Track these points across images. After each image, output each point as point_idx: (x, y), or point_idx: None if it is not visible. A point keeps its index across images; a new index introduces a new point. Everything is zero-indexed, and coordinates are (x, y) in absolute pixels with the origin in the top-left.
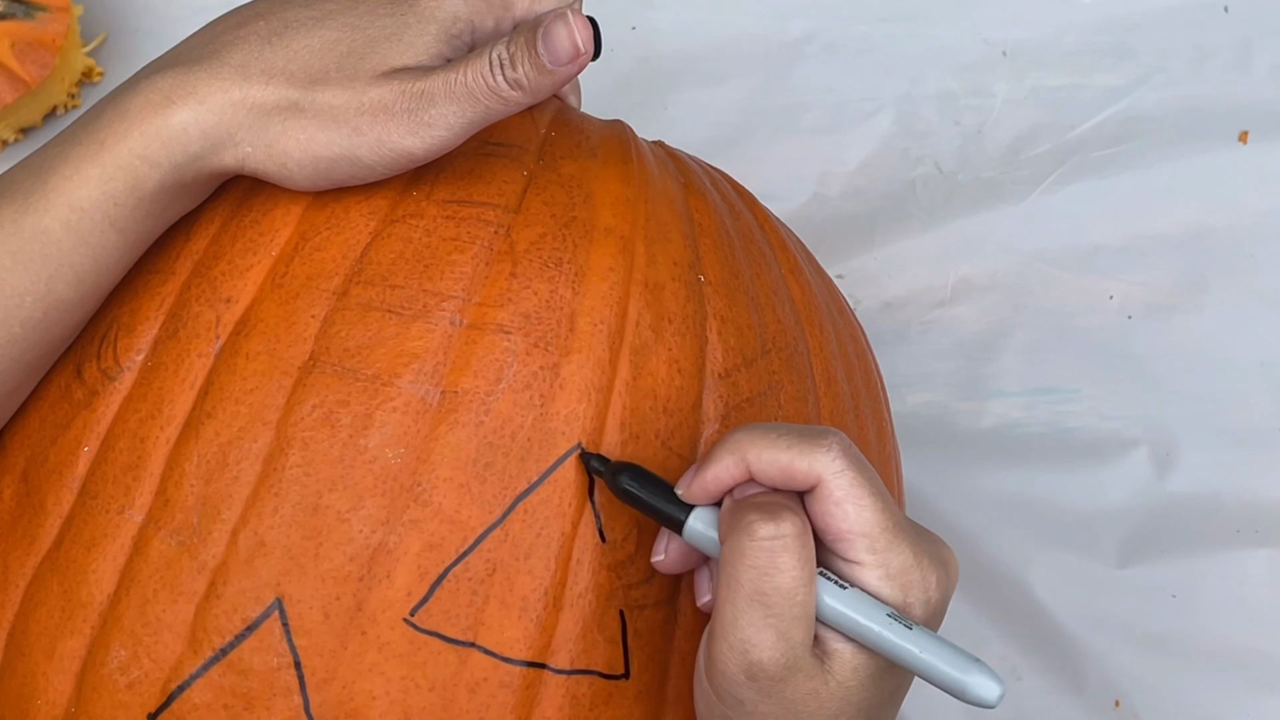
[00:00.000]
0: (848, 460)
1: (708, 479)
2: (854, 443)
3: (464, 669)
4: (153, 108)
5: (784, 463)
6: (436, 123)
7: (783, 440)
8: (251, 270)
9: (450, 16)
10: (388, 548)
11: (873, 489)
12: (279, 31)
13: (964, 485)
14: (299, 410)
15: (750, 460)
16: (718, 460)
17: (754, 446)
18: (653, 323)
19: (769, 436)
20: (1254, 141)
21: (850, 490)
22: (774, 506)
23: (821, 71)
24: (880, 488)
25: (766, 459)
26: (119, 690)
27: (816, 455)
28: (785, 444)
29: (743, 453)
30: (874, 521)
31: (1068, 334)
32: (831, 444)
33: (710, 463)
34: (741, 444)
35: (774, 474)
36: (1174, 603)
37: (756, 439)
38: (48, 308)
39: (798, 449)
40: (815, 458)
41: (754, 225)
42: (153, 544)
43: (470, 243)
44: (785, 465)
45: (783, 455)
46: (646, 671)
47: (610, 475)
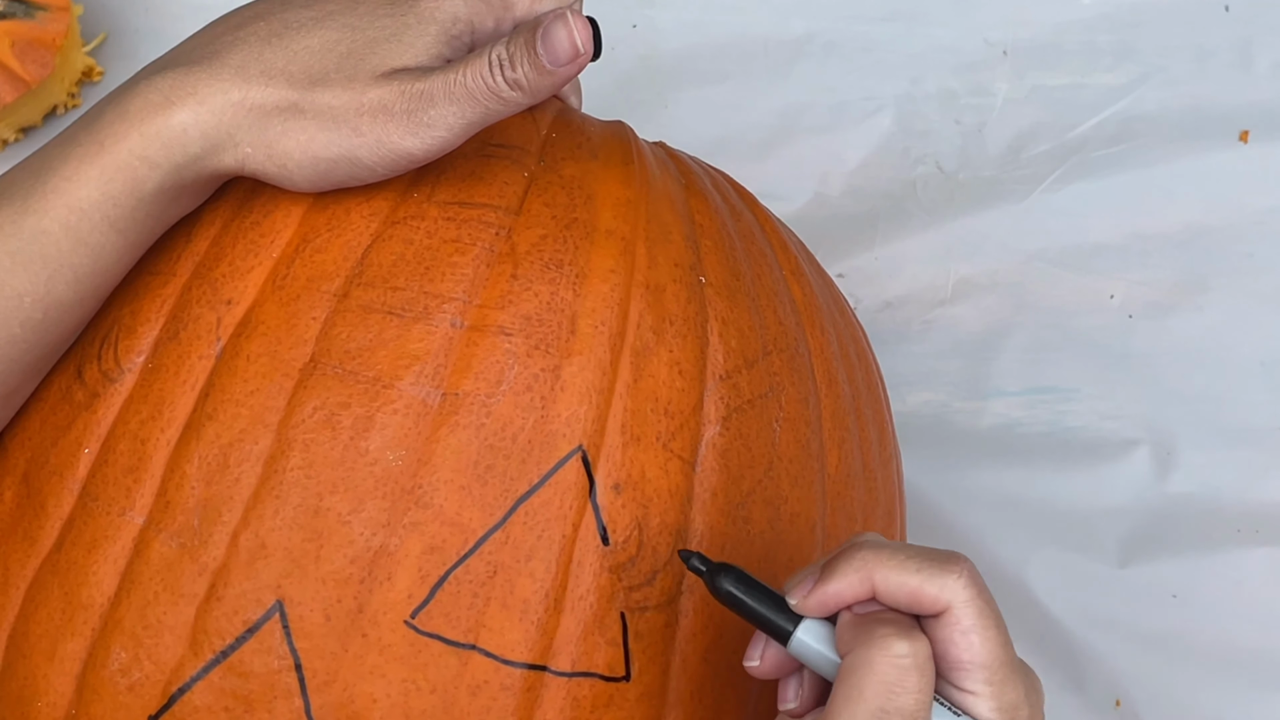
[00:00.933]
0: (977, 589)
1: (829, 594)
2: (855, 444)
3: (465, 671)
4: (152, 109)
5: (913, 586)
6: (436, 123)
7: (912, 563)
8: (252, 272)
9: (450, 17)
10: (389, 550)
11: (997, 621)
12: (279, 32)
13: (964, 484)
14: (300, 412)
15: (877, 581)
16: (842, 577)
17: (882, 567)
18: (654, 324)
19: (898, 557)
20: (1254, 141)
21: (978, 620)
22: (907, 626)
23: (822, 71)
24: (1002, 620)
25: (895, 581)
26: (120, 692)
27: (947, 581)
28: (915, 567)
29: (869, 572)
30: (996, 655)
31: (1068, 333)
32: (962, 571)
33: (833, 578)
34: (869, 563)
35: (900, 596)
36: (1174, 602)
37: (885, 559)
38: (47, 309)
39: (928, 573)
40: (946, 583)
41: (755, 226)
42: (153, 546)
43: (471, 244)
44: (914, 589)
45: (912, 579)
46: (647, 673)
47: (710, 577)
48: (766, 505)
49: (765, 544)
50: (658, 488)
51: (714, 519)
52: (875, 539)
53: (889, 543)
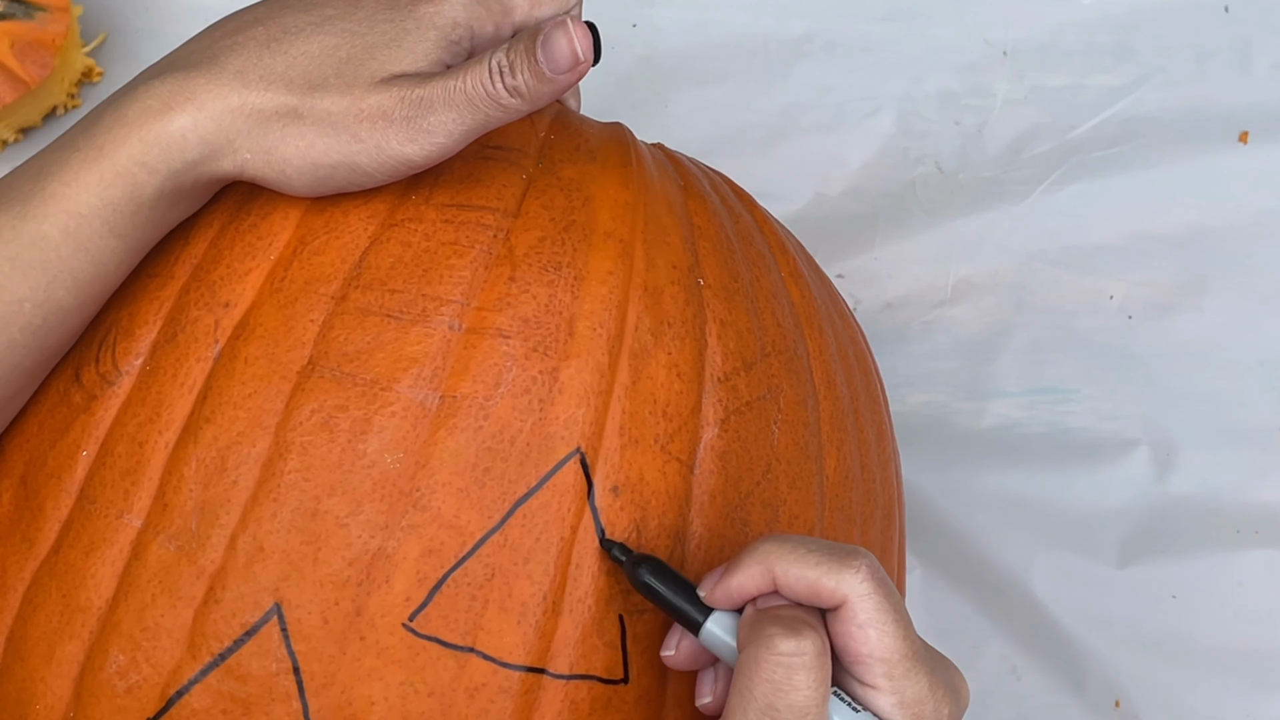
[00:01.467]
0: (875, 583)
1: (732, 586)
2: (854, 446)
3: (463, 674)
4: (151, 114)
5: (811, 579)
6: (435, 130)
7: (812, 556)
8: (250, 274)
9: (449, 22)
10: (386, 553)
11: (897, 615)
12: (278, 37)
13: (964, 485)
14: (297, 415)
15: (777, 573)
16: (744, 569)
17: (782, 560)
18: (652, 327)
19: (798, 551)
20: (1254, 142)
21: (875, 614)
22: (796, 622)
23: (822, 71)
24: (904, 613)
25: (794, 574)
26: (118, 695)
27: (845, 575)
28: (814, 560)
29: (770, 564)
30: (895, 648)
31: (1068, 334)
32: (860, 565)
33: (736, 570)
34: (770, 555)
35: (800, 589)
36: (1174, 603)
37: (785, 552)
38: (47, 313)
39: (826, 567)
40: (843, 577)
41: (753, 228)
42: (151, 548)
43: (469, 247)
44: (812, 582)
45: (810, 572)
46: (645, 676)
47: (630, 566)
48: (765, 507)
49: None
50: (656, 490)
51: (712, 521)
52: (781, 535)
53: (793, 537)
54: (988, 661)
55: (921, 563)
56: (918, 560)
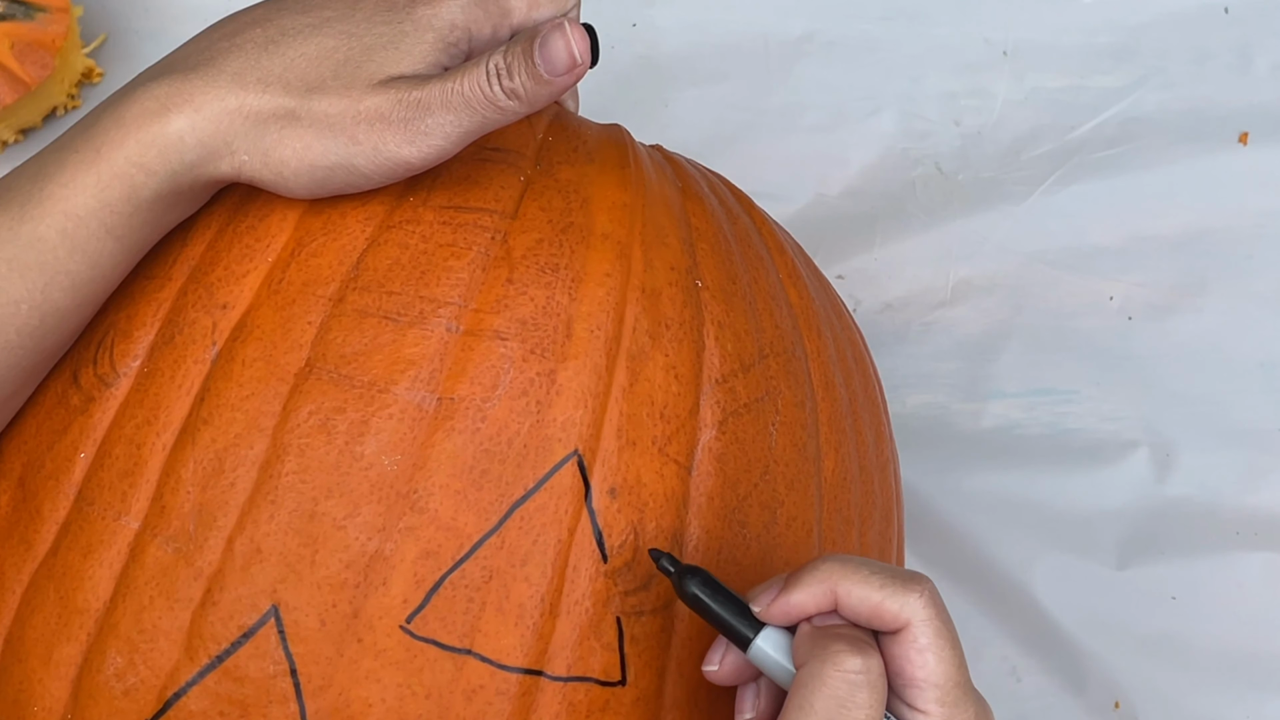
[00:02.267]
0: (936, 609)
1: (791, 603)
2: (852, 447)
3: (460, 676)
4: (149, 116)
5: (874, 602)
6: (433, 132)
7: (876, 579)
8: (248, 276)
9: (447, 24)
10: (384, 555)
11: (953, 642)
12: (275, 39)
13: (963, 486)
14: (295, 417)
15: (840, 594)
16: (806, 588)
17: (846, 580)
18: (650, 328)
19: (862, 572)
20: (1254, 143)
21: (934, 640)
22: (861, 642)
23: (822, 71)
24: (958, 642)
25: (857, 595)
26: (115, 697)
27: (909, 599)
28: (878, 583)
29: (833, 584)
30: (949, 675)
31: (1067, 335)
32: (924, 590)
33: (797, 588)
34: (833, 575)
35: (862, 611)
36: (1173, 604)
37: (849, 573)
38: (44, 315)
39: (890, 590)
40: (907, 601)
41: (752, 229)
42: (149, 550)
43: (467, 249)
44: (875, 605)
45: (875, 594)
46: (643, 678)
47: (678, 578)
48: (763, 509)
49: (762, 548)
50: (653, 492)
51: (710, 523)
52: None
53: (854, 558)
54: (988, 662)
55: (921, 563)
56: (917, 561)
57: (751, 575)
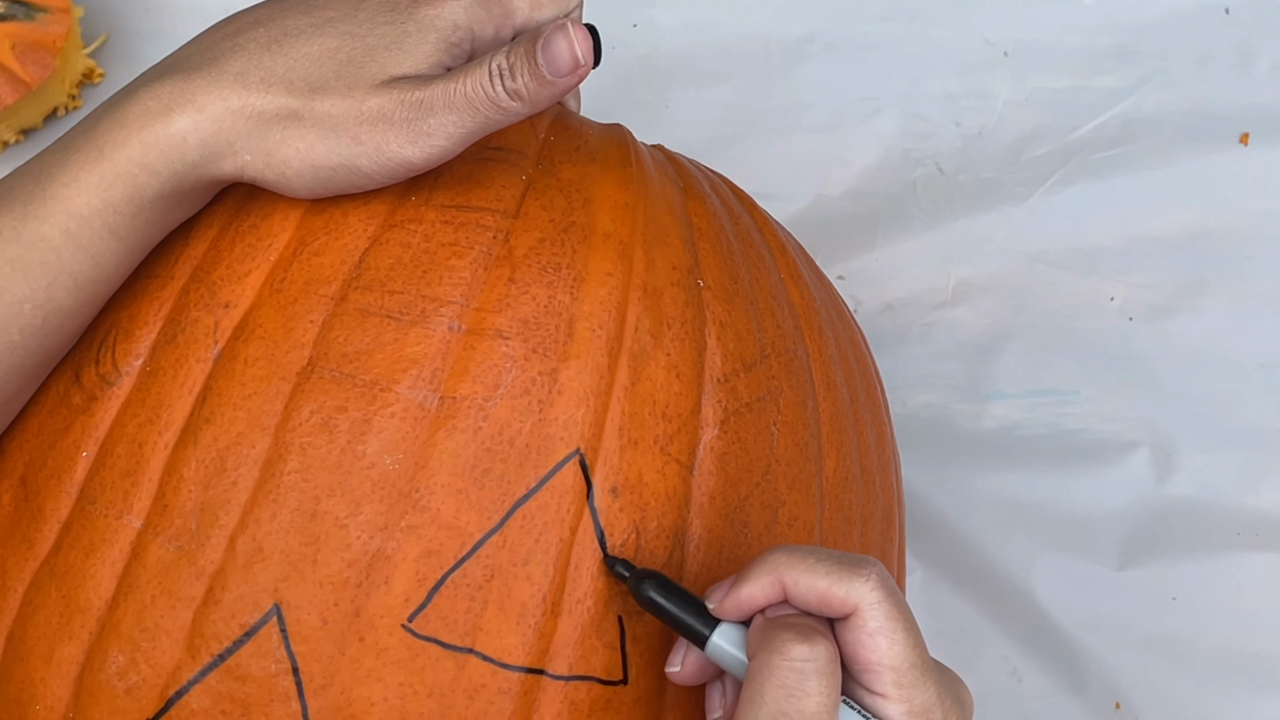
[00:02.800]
0: (885, 592)
1: (742, 597)
2: (853, 447)
3: (462, 675)
4: (151, 116)
5: (822, 589)
6: (435, 132)
7: (822, 566)
8: (250, 275)
9: (450, 25)
10: (386, 554)
11: (906, 623)
12: (278, 39)
13: (964, 487)
14: (297, 416)
15: (788, 583)
16: (754, 580)
17: (792, 569)
18: (651, 328)
19: (808, 560)
20: (1254, 143)
21: (885, 622)
22: (808, 629)
23: (823, 71)
24: (913, 623)
25: (804, 584)
26: (117, 696)
27: (855, 584)
28: (824, 570)
29: (780, 574)
30: (904, 656)
31: (1068, 336)
32: (870, 574)
33: (746, 581)
34: (780, 565)
35: (810, 599)
36: (1174, 605)
37: (795, 562)
38: (47, 315)
39: (836, 575)
40: (854, 586)
41: (753, 229)
42: (151, 549)
43: (469, 248)
44: (823, 591)
45: (821, 581)
46: (645, 677)
47: (634, 582)
48: (764, 508)
49: (763, 547)
50: (655, 491)
51: (712, 522)
52: (790, 545)
53: (801, 547)
54: (988, 663)
55: (922, 564)
56: (918, 562)
57: None
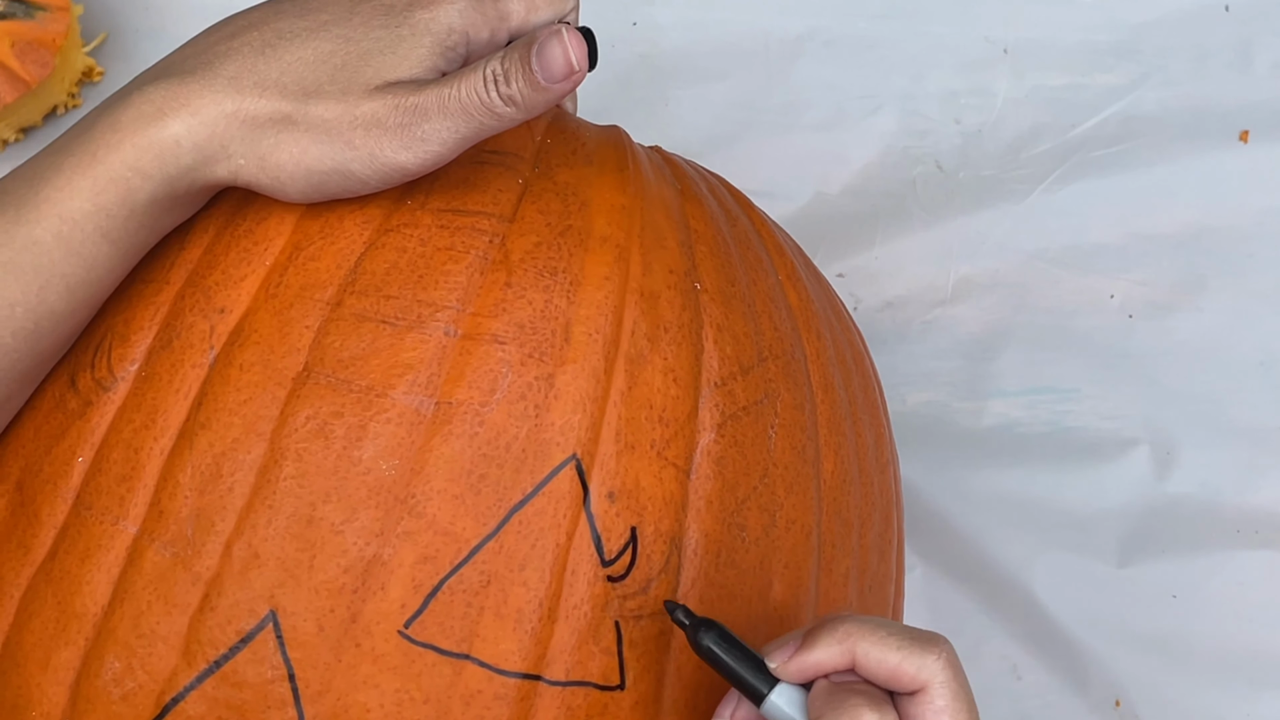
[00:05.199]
0: (953, 672)
1: (809, 662)
2: (851, 449)
3: (458, 681)
4: (145, 119)
5: (893, 664)
6: (430, 138)
7: (894, 640)
8: (245, 280)
9: (445, 29)
10: (382, 560)
11: (969, 706)
12: (272, 43)
13: (964, 484)
14: (293, 421)
15: (858, 654)
16: (824, 647)
17: (864, 641)
18: (648, 332)
19: (880, 633)
20: (1254, 141)
21: (951, 702)
22: (880, 698)
23: (822, 69)
24: (974, 705)
25: (875, 656)
26: (113, 702)
27: (927, 661)
28: (896, 644)
29: (852, 645)
30: None
31: (1068, 333)
32: (941, 652)
33: (815, 647)
34: (852, 635)
35: (880, 672)
36: (1174, 603)
37: (868, 634)
38: (39, 318)
39: (908, 651)
40: (925, 663)
41: (751, 231)
42: (147, 555)
43: (465, 252)
44: (894, 666)
45: (893, 655)
46: (642, 682)
47: (692, 631)
48: (762, 512)
49: (761, 551)
50: (652, 495)
51: (709, 526)
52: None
53: (874, 619)
54: (988, 661)
55: (922, 562)
56: (918, 559)
57: (750, 579)
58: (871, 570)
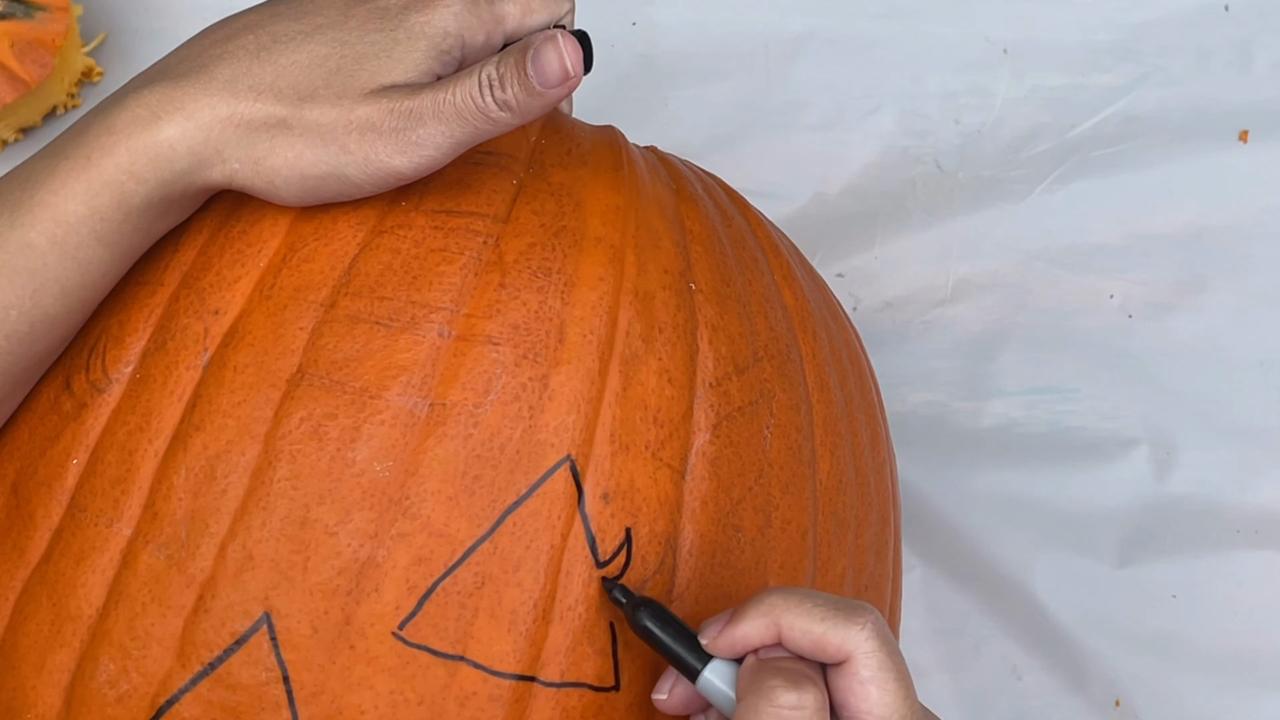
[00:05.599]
0: (879, 641)
1: (735, 636)
2: (848, 449)
3: (453, 682)
4: (140, 123)
5: (817, 634)
6: (425, 142)
7: (818, 611)
8: (239, 282)
9: (440, 32)
10: (376, 561)
11: (899, 674)
12: (267, 46)
13: (964, 484)
14: (287, 423)
15: (783, 626)
16: (750, 620)
17: (788, 613)
18: (643, 332)
19: (804, 605)
20: (1254, 141)
21: (878, 672)
22: (798, 675)
23: (822, 69)
24: (906, 674)
25: (800, 628)
26: (108, 704)
27: (850, 631)
28: (820, 615)
29: (776, 617)
30: (894, 707)
31: (1067, 333)
32: (866, 622)
33: (741, 621)
34: (776, 608)
35: (805, 644)
36: (1174, 603)
37: (792, 605)
38: (34, 321)
39: (832, 621)
40: (849, 633)
41: (746, 230)
42: (141, 557)
43: (459, 253)
44: (818, 637)
45: (816, 626)
46: (637, 683)
47: (630, 610)
48: (757, 513)
49: (756, 551)
50: (647, 497)
51: (704, 527)
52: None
53: (799, 590)
54: (988, 661)
55: (921, 562)
56: (918, 560)
57: (746, 579)
58: (868, 570)
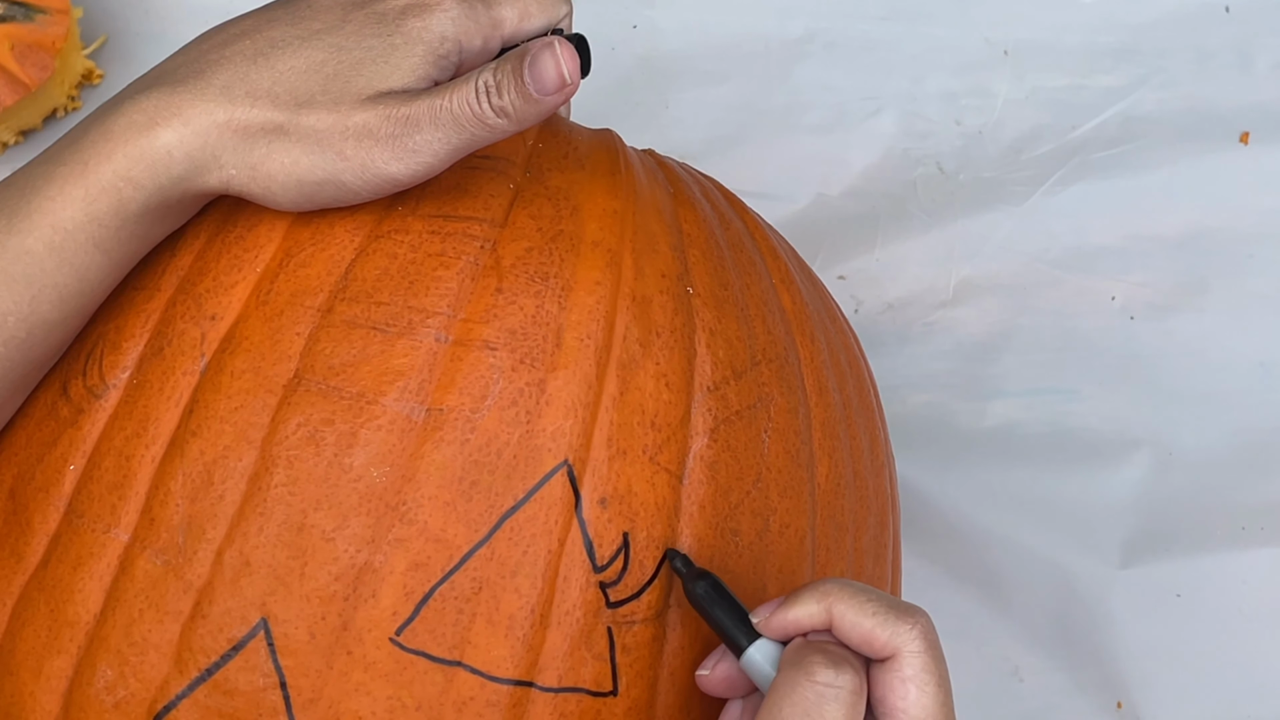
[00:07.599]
0: (926, 643)
1: (788, 618)
2: (846, 453)
3: (451, 688)
4: (137, 129)
5: (866, 628)
6: (421, 149)
7: (871, 605)
8: (236, 287)
9: (437, 37)
10: (373, 567)
11: (940, 679)
12: (264, 51)
13: (965, 485)
14: (284, 429)
15: (835, 615)
16: (803, 604)
17: (841, 602)
18: (640, 337)
19: (859, 598)
20: (1255, 142)
21: (920, 673)
22: (839, 657)
23: (823, 71)
24: (947, 681)
25: (851, 619)
26: (106, 710)
27: (900, 629)
28: (872, 610)
29: (829, 604)
30: (931, 710)
31: (1069, 334)
32: (916, 622)
33: (795, 604)
34: (830, 595)
35: (854, 635)
36: (1176, 603)
37: (846, 596)
38: (31, 327)
39: (883, 618)
40: (898, 631)
41: (744, 234)
42: (138, 563)
43: (456, 258)
44: (867, 631)
45: (868, 620)
46: (635, 688)
47: (689, 580)
48: (755, 517)
49: (754, 555)
50: (645, 501)
51: (702, 531)
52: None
53: (857, 583)
54: (990, 662)
55: (922, 562)
56: (919, 559)
57: (744, 583)
58: (867, 574)
